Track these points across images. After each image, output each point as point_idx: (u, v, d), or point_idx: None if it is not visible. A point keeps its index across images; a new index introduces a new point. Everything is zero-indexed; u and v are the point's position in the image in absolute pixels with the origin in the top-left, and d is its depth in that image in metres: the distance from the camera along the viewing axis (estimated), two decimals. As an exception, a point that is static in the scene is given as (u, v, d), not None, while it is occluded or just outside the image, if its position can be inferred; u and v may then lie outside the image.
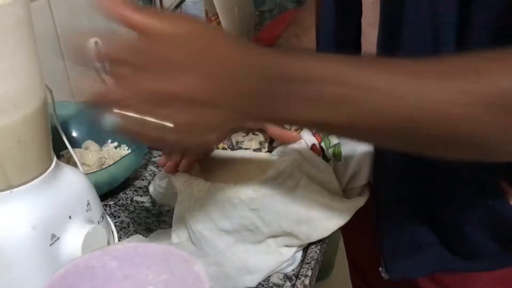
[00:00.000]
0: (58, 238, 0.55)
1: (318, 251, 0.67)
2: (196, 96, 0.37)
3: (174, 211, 0.62)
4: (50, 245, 0.54)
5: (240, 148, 0.68)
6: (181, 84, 0.37)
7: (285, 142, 0.64)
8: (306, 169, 0.58)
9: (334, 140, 0.62)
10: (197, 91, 0.37)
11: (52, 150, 0.58)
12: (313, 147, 0.62)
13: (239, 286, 0.57)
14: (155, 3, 1.16)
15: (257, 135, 0.68)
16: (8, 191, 0.52)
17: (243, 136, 0.68)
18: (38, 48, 0.52)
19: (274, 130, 0.64)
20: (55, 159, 0.58)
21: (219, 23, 1.45)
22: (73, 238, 0.56)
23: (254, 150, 0.68)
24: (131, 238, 0.50)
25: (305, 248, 0.67)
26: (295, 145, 0.61)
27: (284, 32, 0.79)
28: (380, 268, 0.67)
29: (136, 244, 0.48)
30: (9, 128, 0.49)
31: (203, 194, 0.57)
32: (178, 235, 0.63)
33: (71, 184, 0.58)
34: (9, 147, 0.50)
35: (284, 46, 0.76)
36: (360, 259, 0.97)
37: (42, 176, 0.55)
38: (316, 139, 0.64)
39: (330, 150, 0.61)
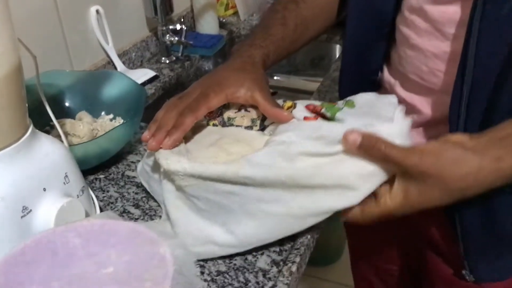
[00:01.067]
0: (30, 210, 0.53)
1: (309, 236, 0.63)
2: None
3: (163, 188, 0.59)
4: (21, 217, 0.52)
5: (232, 125, 0.64)
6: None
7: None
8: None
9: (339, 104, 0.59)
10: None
11: (27, 118, 0.55)
12: (305, 119, 0.58)
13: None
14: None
15: (249, 111, 0.63)
16: (-24, 159, 0.50)
17: (235, 112, 0.64)
18: (33, 15, 0.48)
19: (266, 108, 0.60)
20: (31, 128, 0.55)
21: (231, -5, 1.40)
22: (46, 211, 0.53)
23: (246, 127, 0.64)
24: (100, 214, 0.46)
25: (296, 234, 0.63)
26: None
27: None
28: (463, 271, 0.64)
29: (104, 221, 0.45)
30: (-27, 92, 0.46)
31: (186, 171, 0.53)
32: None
33: (47, 155, 0.55)
34: (-26, 112, 0.47)
35: (280, 12, 0.71)
36: (365, 247, 0.93)
37: (14, 145, 0.52)
38: (315, 108, 0.59)
39: (339, 112, 0.57)
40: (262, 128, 0.63)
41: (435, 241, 0.71)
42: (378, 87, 0.71)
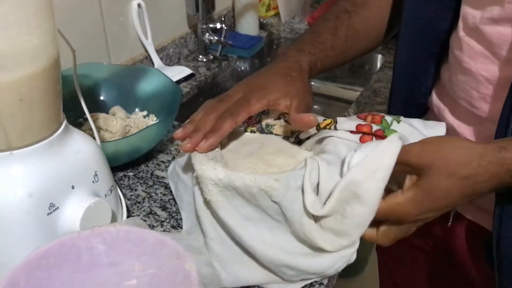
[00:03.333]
0: (58, 208, 0.51)
1: (339, 257, 0.60)
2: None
3: (194, 193, 0.56)
4: (48, 214, 0.51)
5: (271, 132, 0.62)
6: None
7: (302, 127, 0.57)
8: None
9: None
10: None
11: (62, 113, 0.54)
12: (362, 139, 0.54)
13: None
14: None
15: (289, 123, 0.60)
16: (7, 152, 0.49)
17: (273, 120, 0.61)
18: (76, 8, 0.47)
19: (291, 113, 0.57)
20: (64, 123, 0.54)
21: (273, -4, 1.38)
22: (73, 210, 0.52)
23: (284, 137, 0.61)
24: (127, 220, 0.45)
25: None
26: (330, 137, 0.54)
27: (334, 5, 0.71)
28: None
29: (130, 229, 0.43)
30: (10, 85, 0.45)
31: (221, 181, 0.51)
32: (189, 221, 0.58)
33: (79, 152, 0.54)
34: (10, 105, 0.46)
35: (332, 21, 0.69)
36: (393, 266, 0.90)
37: (46, 141, 0.51)
38: (374, 121, 0.56)
39: (394, 126, 0.54)
40: (298, 142, 0.60)
41: (471, 276, 0.68)
42: (426, 110, 0.68)
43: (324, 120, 0.58)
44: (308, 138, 0.58)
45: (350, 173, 0.45)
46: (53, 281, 0.39)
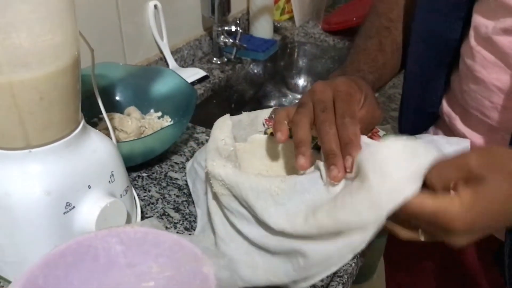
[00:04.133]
0: (74, 207, 0.52)
1: (354, 264, 0.59)
2: None
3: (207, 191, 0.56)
4: (64, 213, 0.51)
5: (291, 136, 0.61)
6: None
7: None
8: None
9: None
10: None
11: (80, 113, 0.54)
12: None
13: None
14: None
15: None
16: (26, 151, 0.49)
17: None
18: (93, 7, 0.47)
19: None
20: (82, 122, 0.54)
21: (288, 0, 1.38)
22: (89, 210, 0.52)
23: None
24: (144, 221, 0.45)
25: (340, 259, 0.60)
26: None
27: (367, 22, 0.71)
28: None
29: (147, 230, 0.43)
30: (31, 83, 0.45)
31: (228, 177, 0.50)
32: (203, 218, 0.58)
33: (96, 151, 0.54)
34: (30, 103, 0.46)
35: (376, 37, 0.68)
36: (401, 274, 0.89)
37: (65, 139, 0.51)
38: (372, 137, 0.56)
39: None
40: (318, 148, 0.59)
41: (480, 285, 0.67)
42: (436, 118, 0.68)
43: None
44: None
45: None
46: (70, 280, 0.39)
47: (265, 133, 0.61)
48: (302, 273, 0.48)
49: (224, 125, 0.59)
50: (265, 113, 0.61)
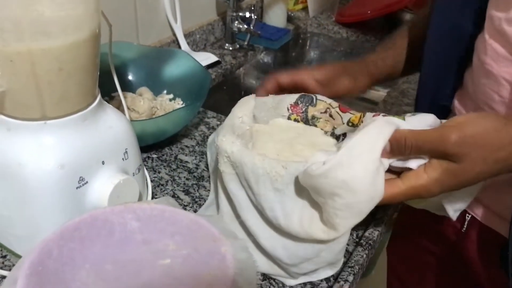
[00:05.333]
0: (87, 182, 0.51)
1: (365, 255, 0.59)
2: None
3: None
4: (77, 188, 0.50)
5: (315, 125, 0.60)
6: None
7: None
8: None
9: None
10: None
11: (97, 87, 0.53)
12: None
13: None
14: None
15: (333, 119, 0.59)
16: (42, 122, 0.48)
17: (320, 113, 0.60)
18: None
19: None
20: (99, 97, 0.53)
21: (303, -10, 1.36)
22: (102, 186, 0.51)
23: (326, 132, 0.60)
24: (160, 199, 0.44)
25: (351, 250, 0.59)
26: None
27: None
28: None
29: (164, 207, 0.42)
30: (51, 52, 0.44)
31: (233, 154, 0.51)
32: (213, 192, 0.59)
33: (111, 127, 0.53)
34: (49, 73, 0.45)
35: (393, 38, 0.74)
36: (402, 269, 0.89)
37: (81, 113, 0.50)
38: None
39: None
40: (336, 137, 0.59)
41: (482, 282, 0.67)
42: (449, 112, 0.67)
43: (354, 115, 0.57)
44: (344, 134, 0.57)
45: (335, 158, 0.44)
46: (85, 254, 0.38)
47: (289, 118, 0.61)
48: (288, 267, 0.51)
49: (246, 104, 0.59)
50: (291, 98, 0.61)
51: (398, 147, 0.46)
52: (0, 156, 0.49)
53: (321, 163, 0.44)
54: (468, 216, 0.66)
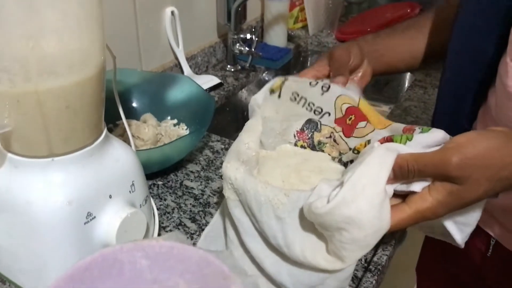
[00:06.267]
0: (94, 217, 0.51)
1: (374, 281, 0.58)
2: None
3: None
4: (85, 223, 0.50)
5: (322, 150, 0.61)
6: None
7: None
8: None
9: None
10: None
11: (103, 122, 0.53)
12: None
13: None
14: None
15: (338, 144, 0.59)
16: (49, 159, 0.48)
17: (326, 138, 0.60)
18: (111, 12, 0.47)
19: None
20: (105, 131, 0.53)
21: (303, 9, 1.38)
22: (110, 220, 0.51)
23: (333, 158, 0.60)
24: (169, 234, 0.44)
25: (360, 276, 0.59)
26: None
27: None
28: None
29: (173, 244, 0.42)
30: (58, 91, 0.44)
31: (236, 181, 0.51)
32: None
33: (118, 161, 0.54)
34: (56, 111, 0.45)
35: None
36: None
37: (88, 148, 0.50)
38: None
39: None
40: (344, 164, 0.59)
41: None
42: None
43: (360, 143, 0.57)
44: (351, 161, 0.57)
45: (339, 194, 0.43)
46: (96, 295, 0.38)
47: (295, 144, 0.61)
48: None
49: (253, 129, 0.59)
50: (297, 124, 0.61)
51: (402, 173, 0.46)
52: (8, 193, 0.49)
53: (326, 199, 0.44)
54: (493, 241, 0.66)
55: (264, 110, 0.62)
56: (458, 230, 0.51)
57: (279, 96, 0.63)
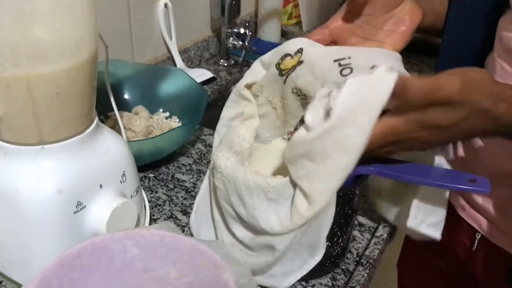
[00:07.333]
0: (85, 206, 0.50)
1: (366, 275, 0.58)
2: None
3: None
4: (75, 212, 0.49)
5: None
6: None
7: None
8: None
9: None
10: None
11: (94, 110, 0.52)
12: None
13: None
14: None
15: None
16: (39, 146, 0.47)
17: None
18: (104, 3, 0.46)
19: None
20: (96, 120, 0.52)
21: (297, 5, 1.37)
22: (100, 210, 0.51)
23: None
24: (160, 224, 0.43)
25: (351, 270, 0.59)
26: None
27: None
28: None
29: (164, 233, 0.42)
30: (49, 77, 0.44)
31: (226, 169, 0.51)
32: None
33: (109, 150, 0.53)
34: (47, 98, 0.45)
35: None
36: (411, 284, 0.89)
37: (79, 137, 0.49)
38: None
39: None
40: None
41: None
42: None
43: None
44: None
45: (332, 119, 0.41)
46: (85, 283, 0.37)
47: (289, 139, 0.60)
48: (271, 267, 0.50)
49: (251, 123, 0.58)
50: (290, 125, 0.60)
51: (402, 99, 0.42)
52: (-4, 181, 0.48)
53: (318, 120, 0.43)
54: (478, 235, 0.66)
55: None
56: (436, 229, 0.55)
57: (284, 82, 0.57)
